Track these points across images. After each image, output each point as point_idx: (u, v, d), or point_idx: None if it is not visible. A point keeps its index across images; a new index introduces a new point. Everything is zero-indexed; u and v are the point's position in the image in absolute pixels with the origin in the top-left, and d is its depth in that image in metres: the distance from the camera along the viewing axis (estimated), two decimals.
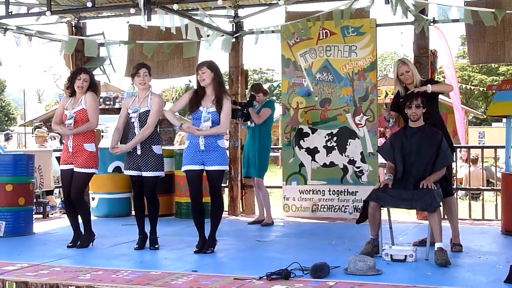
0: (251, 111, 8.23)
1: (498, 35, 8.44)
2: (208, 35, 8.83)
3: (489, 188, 10.86)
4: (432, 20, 8.72)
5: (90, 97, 6.76)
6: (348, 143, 8.97)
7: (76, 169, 6.68)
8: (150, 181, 6.59)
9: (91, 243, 6.84)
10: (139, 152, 6.56)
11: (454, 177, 11.28)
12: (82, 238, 6.81)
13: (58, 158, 11.43)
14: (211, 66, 6.38)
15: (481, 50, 8.55)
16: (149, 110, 6.56)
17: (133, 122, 6.58)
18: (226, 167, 6.53)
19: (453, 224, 6.46)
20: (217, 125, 6.34)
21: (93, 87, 6.85)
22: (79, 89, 6.74)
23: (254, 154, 8.32)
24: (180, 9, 8.78)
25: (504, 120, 11.12)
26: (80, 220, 6.90)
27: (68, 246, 6.74)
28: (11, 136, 16.18)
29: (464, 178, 12.54)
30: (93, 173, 6.80)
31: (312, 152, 9.19)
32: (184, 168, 6.44)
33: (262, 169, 8.38)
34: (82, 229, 6.88)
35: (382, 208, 6.10)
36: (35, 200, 8.66)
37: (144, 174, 6.57)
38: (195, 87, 6.51)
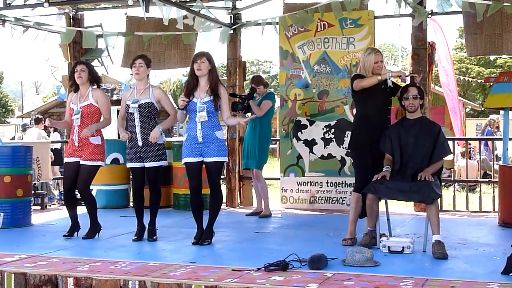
0: (251, 103, 8.21)
1: (496, 27, 8.43)
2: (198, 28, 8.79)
3: (486, 180, 10.87)
4: (430, 12, 8.71)
5: (99, 93, 6.80)
6: (346, 135, 8.93)
7: (82, 162, 6.70)
8: (152, 171, 6.60)
9: (97, 234, 6.86)
10: (140, 144, 6.55)
11: (451, 169, 11.30)
12: (89, 229, 6.83)
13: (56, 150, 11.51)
14: (210, 58, 6.38)
15: (479, 42, 8.54)
16: (151, 102, 6.55)
17: (133, 113, 6.55)
18: (225, 159, 6.52)
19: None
20: (212, 114, 6.31)
21: (93, 77, 6.83)
22: (78, 80, 6.75)
23: (254, 146, 8.31)
24: (178, 0, 8.75)
25: (501, 112, 11.15)
26: (79, 211, 6.92)
27: (64, 236, 6.75)
28: (28, 127, 16.32)
29: (457, 170, 12.52)
30: (99, 166, 6.80)
31: (310, 144, 9.20)
32: (183, 160, 6.44)
33: (262, 161, 8.39)
34: (85, 221, 6.87)
35: (380, 200, 6.12)
36: (33, 192, 8.66)
37: (147, 165, 6.57)
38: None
